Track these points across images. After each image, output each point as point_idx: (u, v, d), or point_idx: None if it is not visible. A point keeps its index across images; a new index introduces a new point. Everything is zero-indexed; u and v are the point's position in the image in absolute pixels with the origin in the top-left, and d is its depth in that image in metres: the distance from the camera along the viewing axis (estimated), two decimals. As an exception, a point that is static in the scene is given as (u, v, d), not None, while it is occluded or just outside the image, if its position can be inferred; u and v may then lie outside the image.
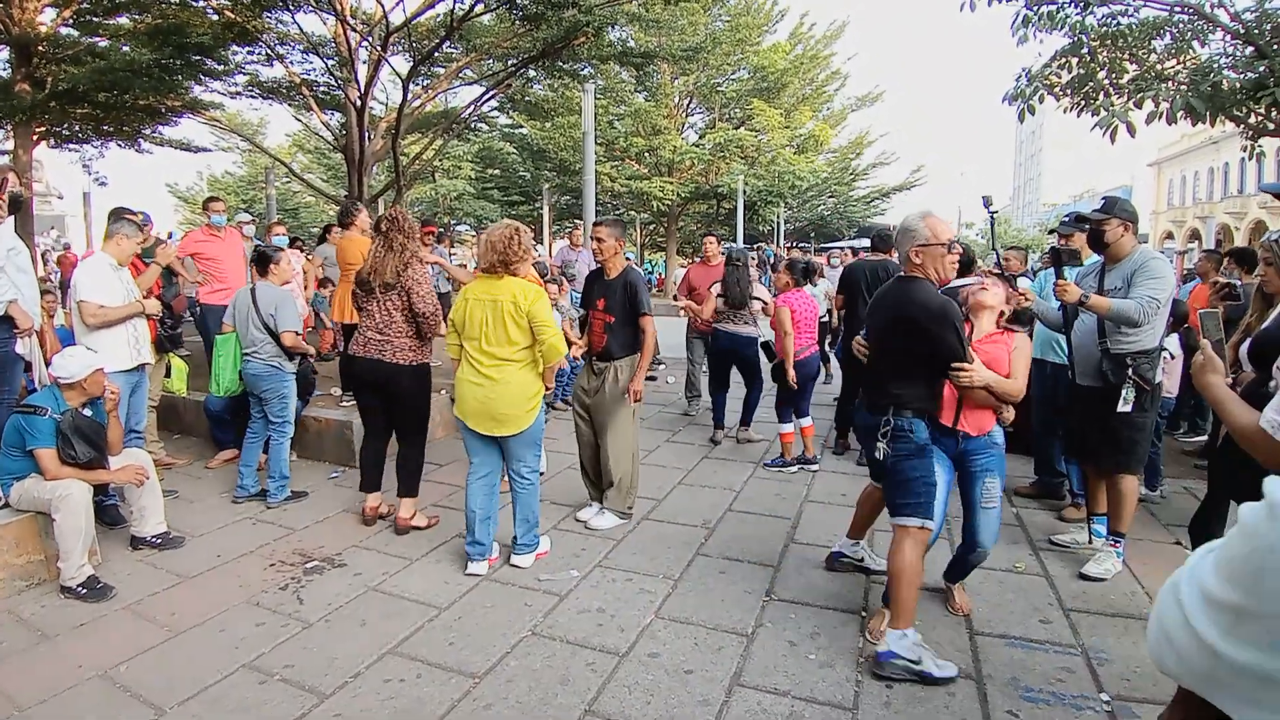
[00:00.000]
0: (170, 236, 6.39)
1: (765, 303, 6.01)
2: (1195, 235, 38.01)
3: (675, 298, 7.12)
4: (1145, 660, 2.81)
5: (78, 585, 3.33)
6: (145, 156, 14.66)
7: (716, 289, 6.09)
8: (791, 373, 5.21)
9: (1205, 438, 5.81)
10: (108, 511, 4.16)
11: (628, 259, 4.43)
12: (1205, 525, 2.88)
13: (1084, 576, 3.55)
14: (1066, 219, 4.17)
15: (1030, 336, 4.45)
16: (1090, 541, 3.84)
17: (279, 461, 4.60)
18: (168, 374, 5.53)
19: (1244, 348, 2.00)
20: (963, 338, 2.73)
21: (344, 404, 5.77)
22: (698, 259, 7.81)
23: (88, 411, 3.59)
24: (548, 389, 3.71)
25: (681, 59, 18.15)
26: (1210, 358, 1.85)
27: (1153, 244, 37.75)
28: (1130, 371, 3.44)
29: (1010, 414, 3.03)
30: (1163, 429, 5.02)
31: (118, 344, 4.26)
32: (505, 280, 3.52)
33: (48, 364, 3.85)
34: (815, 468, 5.38)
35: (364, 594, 3.41)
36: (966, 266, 5.39)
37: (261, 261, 4.75)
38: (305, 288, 7.57)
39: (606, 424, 4.19)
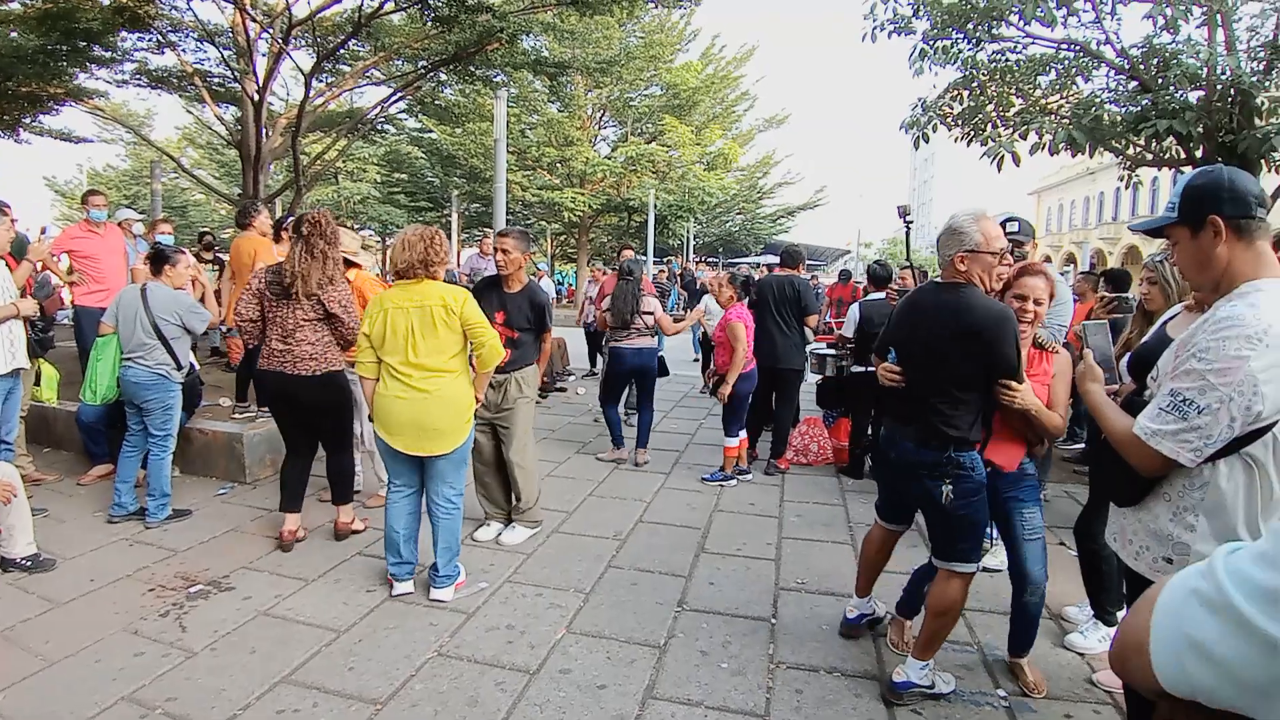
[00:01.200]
0: (44, 232, 5.84)
1: (656, 317, 5.82)
2: (1071, 259, 41.16)
3: (589, 307, 7.00)
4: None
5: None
6: (22, 147, 13.46)
7: (606, 304, 5.90)
8: (728, 388, 5.24)
9: (1083, 445, 6.28)
10: None
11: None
12: (1088, 525, 3.10)
13: (985, 569, 3.78)
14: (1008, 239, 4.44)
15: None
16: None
17: (159, 478, 4.26)
18: (37, 381, 5.07)
19: (1124, 361, 2.16)
20: (1019, 350, 2.47)
21: (236, 415, 5.44)
22: (613, 270, 7.77)
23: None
24: (478, 401, 3.52)
25: (595, 71, 18.21)
26: (1090, 366, 1.95)
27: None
28: None
29: (1043, 449, 2.79)
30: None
31: None
32: (427, 284, 3.30)
33: None
34: (749, 477, 5.49)
35: (254, 619, 3.20)
36: (884, 280, 5.63)
37: (158, 260, 4.39)
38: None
39: (512, 436, 4.08)
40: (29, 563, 3.56)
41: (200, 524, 4.28)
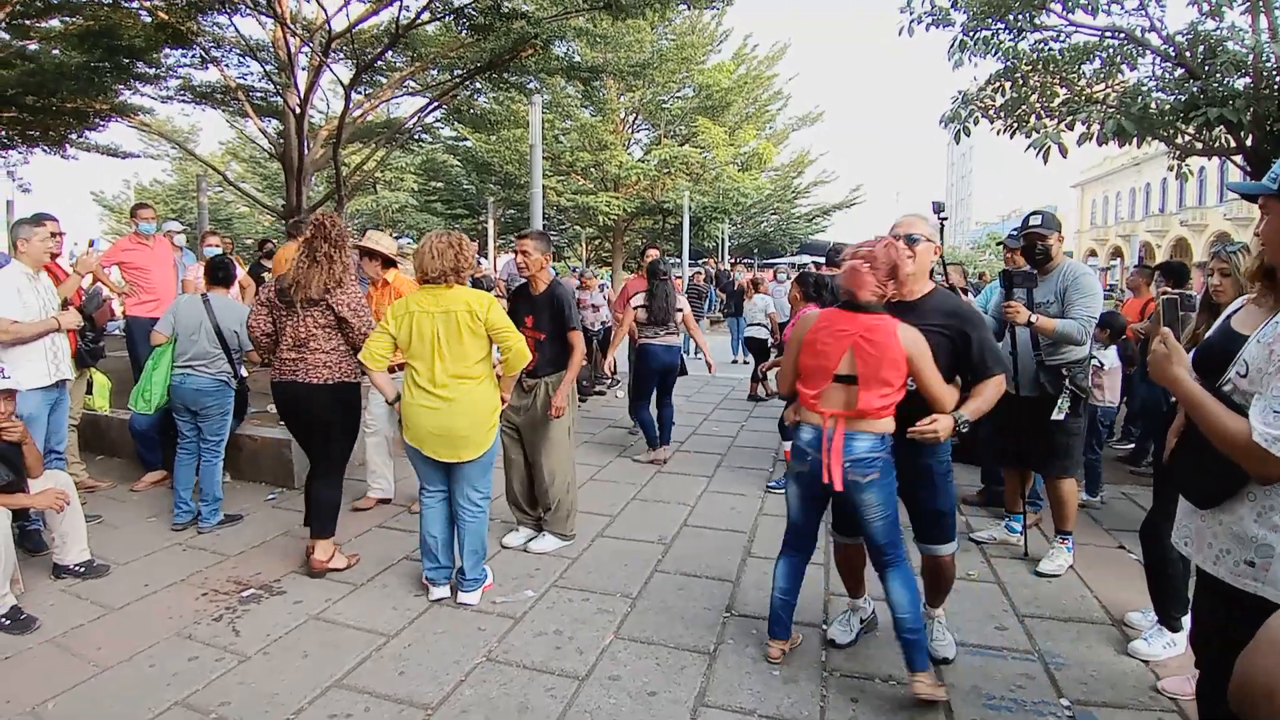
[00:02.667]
0: (92, 245, 6.01)
1: (684, 314, 5.91)
2: (1117, 253, 40.05)
3: (613, 309, 6.98)
4: (1100, 664, 2.87)
5: (1, 616, 3.08)
6: (71, 163, 13.97)
7: (638, 300, 5.88)
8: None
9: (1134, 445, 6.06)
10: (30, 537, 3.88)
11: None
12: (1155, 528, 2.95)
13: (1039, 574, 3.70)
14: (1014, 233, 4.29)
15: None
16: (1010, 537, 4.11)
17: (212, 483, 4.35)
18: (89, 390, 5.19)
19: (1189, 356, 2.04)
20: None
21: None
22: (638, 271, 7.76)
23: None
24: (504, 402, 3.56)
25: (628, 75, 18.24)
26: (1175, 348, 1.69)
27: (1078, 260, 39.70)
28: (1067, 381, 3.65)
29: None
30: (1104, 438, 5.21)
31: (35, 359, 3.96)
32: (455, 289, 3.29)
33: None
34: None
35: (305, 623, 3.22)
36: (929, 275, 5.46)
37: (220, 274, 4.55)
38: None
39: (540, 443, 4.04)
40: (82, 569, 3.63)
41: (251, 529, 4.34)
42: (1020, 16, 7.01)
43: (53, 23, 11.09)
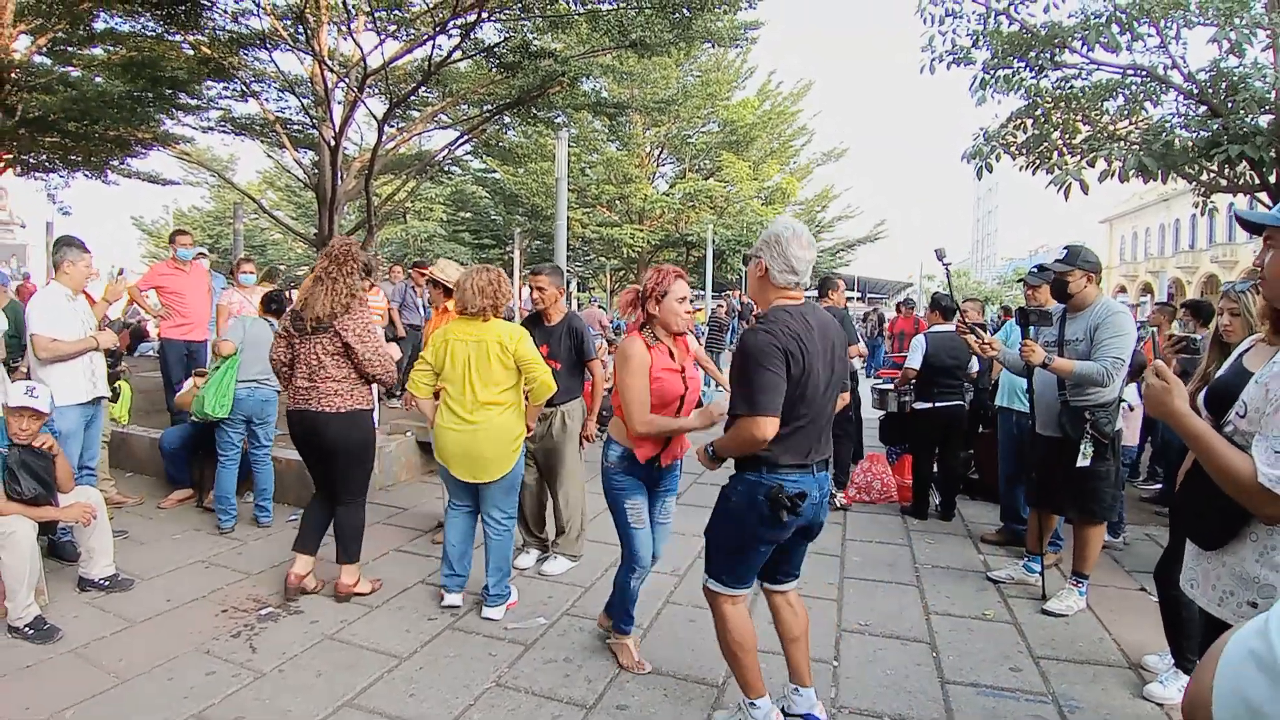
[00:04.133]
0: (121, 272, 6.15)
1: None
2: (1147, 289, 39.43)
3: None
4: (1115, 708, 2.83)
5: (24, 626, 3.18)
6: (111, 188, 14.42)
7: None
8: None
9: (1160, 485, 5.95)
10: (64, 548, 4.01)
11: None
12: (1168, 570, 2.91)
13: (1046, 612, 3.65)
14: (1034, 271, 4.28)
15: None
16: (1028, 577, 4.03)
17: (268, 479, 4.88)
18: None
19: (1201, 395, 2.04)
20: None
21: None
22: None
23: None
24: (529, 431, 3.68)
25: (653, 110, 18.59)
26: (1174, 381, 1.63)
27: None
28: (1088, 426, 3.53)
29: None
30: (1124, 477, 5.14)
31: (75, 377, 4.13)
32: (490, 322, 3.49)
33: None
34: None
35: (320, 643, 3.28)
36: (951, 312, 5.38)
37: (278, 304, 5.03)
38: None
39: (557, 468, 4.19)
40: (107, 583, 3.73)
41: (272, 548, 4.43)
42: (1041, 55, 7.07)
43: (95, 51, 11.57)
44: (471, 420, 3.43)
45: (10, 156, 11.99)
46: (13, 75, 10.31)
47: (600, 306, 9.36)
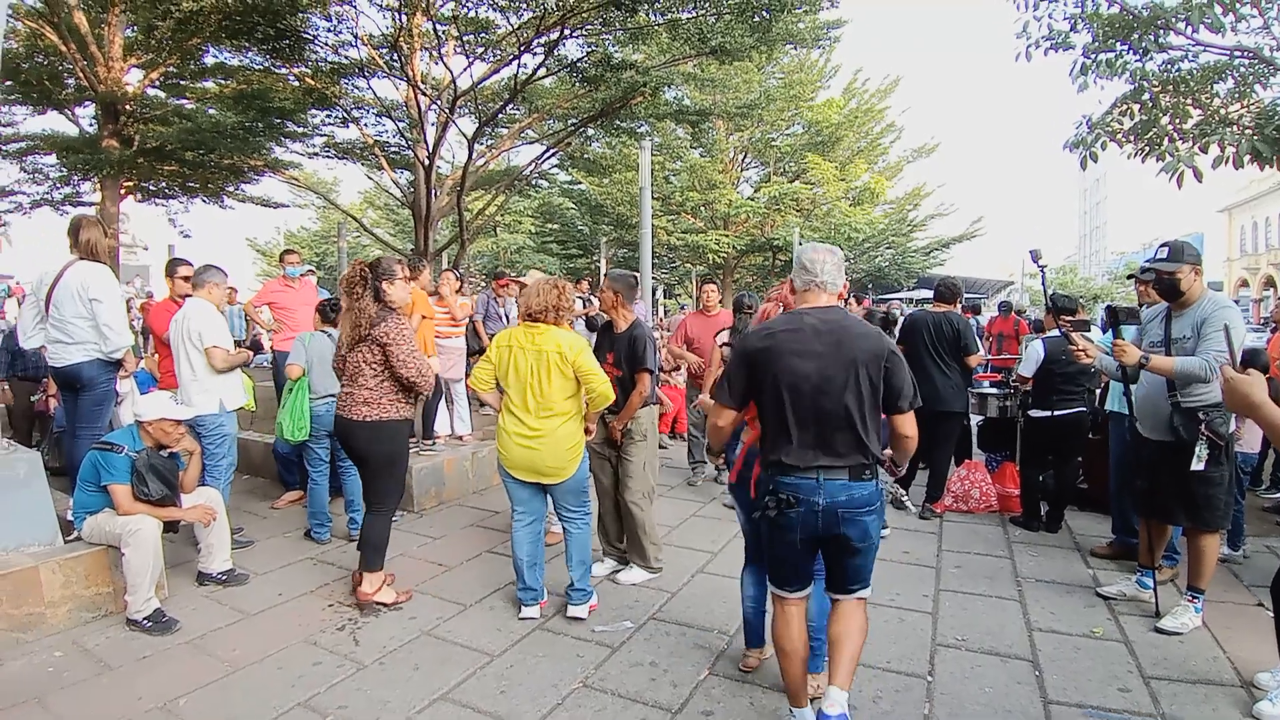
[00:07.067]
0: (235, 292, 6.57)
1: None
2: (1270, 282, 36.16)
3: (667, 349, 6.65)
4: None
5: (143, 619, 3.44)
6: (227, 211, 15.48)
7: (724, 338, 5.21)
8: None
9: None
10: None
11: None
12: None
13: (1159, 630, 3.42)
14: (1145, 265, 4.02)
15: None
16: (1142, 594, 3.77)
17: (358, 492, 4.67)
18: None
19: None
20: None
21: (422, 452, 5.85)
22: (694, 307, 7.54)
23: (165, 452, 3.75)
24: (588, 433, 3.70)
25: (736, 115, 18.47)
26: (1255, 374, 1.52)
27: (1228, 292, 35.83)
28: (1203, 426, 3.31)
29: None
30: (1245, 485, 4.74)
31: (237, 384, 4.54)
32: (550, 330, 3.52)
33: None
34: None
35: (418, 638, 3.42)
36: (1070, 313, 5.02)
37: (335, 311, 4.87)
38: None
39: (627, 476, 4.14)
40: (224, 577, 4.01)
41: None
42: (1144, 37, 6.63)
43: (207, 84, 12.46)
44: (534, 429, 3.49)
45: (131, 184, 12.98)
46: (127, 107, 11.21)
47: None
